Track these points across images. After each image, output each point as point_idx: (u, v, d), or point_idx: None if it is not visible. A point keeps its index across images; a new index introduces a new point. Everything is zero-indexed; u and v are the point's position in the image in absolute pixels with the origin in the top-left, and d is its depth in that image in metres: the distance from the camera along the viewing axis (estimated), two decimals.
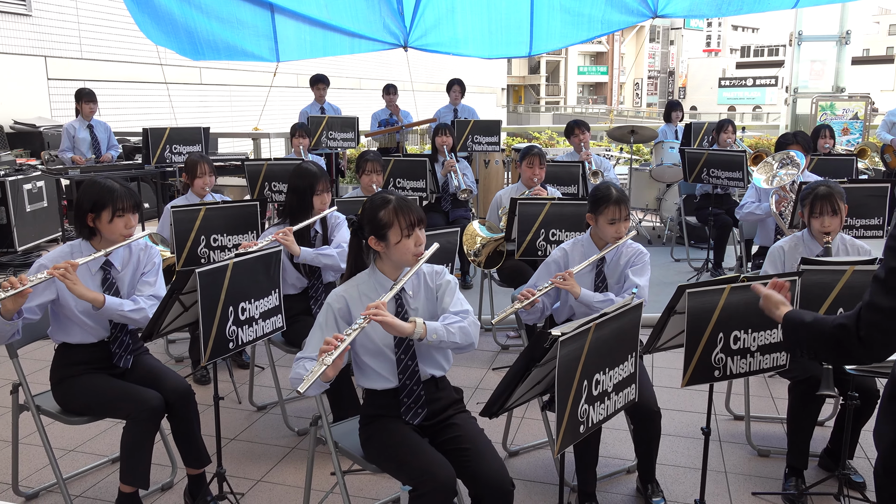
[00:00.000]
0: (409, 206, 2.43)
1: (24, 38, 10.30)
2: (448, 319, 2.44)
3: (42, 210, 7.61)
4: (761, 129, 14.01)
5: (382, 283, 2.46)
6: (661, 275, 6.44)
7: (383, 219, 2.41)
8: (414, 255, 2.43)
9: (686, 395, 4.11)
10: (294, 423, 3.80)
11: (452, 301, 2.50)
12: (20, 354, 2.93)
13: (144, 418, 2.75)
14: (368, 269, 2.52)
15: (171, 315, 2.64)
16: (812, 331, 1.94)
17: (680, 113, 8.23)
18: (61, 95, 10.66)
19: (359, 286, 2.48)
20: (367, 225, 2.45)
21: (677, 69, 59.06)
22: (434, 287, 2.54)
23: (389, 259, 2.46)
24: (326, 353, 2.15)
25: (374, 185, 4.66)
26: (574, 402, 2.07)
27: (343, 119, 7.44)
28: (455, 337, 2.39)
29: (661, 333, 2.56)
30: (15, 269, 6.76)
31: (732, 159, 5.93)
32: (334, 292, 2.48)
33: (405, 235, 2.40)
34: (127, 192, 2.86)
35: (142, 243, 3.02)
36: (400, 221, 2.40)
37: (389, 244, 2.42)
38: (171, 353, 4.80)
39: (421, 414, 2.48)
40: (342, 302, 2.44)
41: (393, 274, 2.47)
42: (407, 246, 2.41)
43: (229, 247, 4.05)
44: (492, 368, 4.58)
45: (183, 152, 6.67)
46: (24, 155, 8.51)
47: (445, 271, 2.58)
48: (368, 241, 2.45)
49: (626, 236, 3.18)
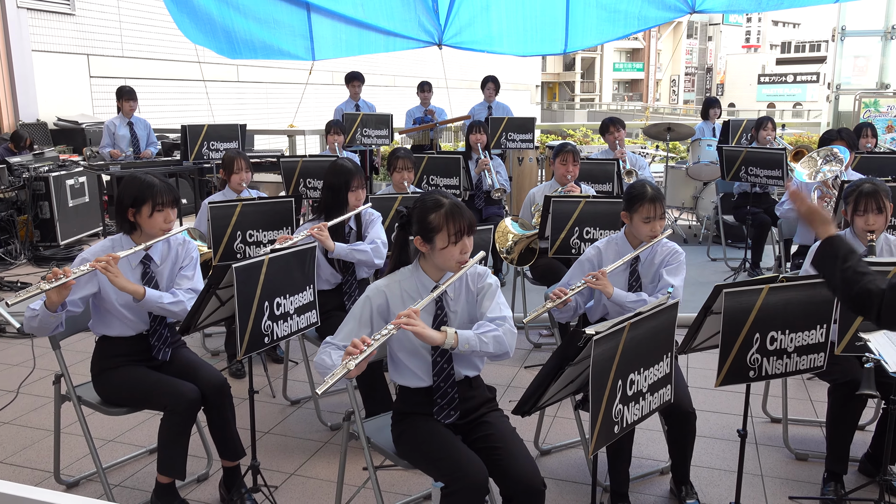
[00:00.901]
0: (461, 213, 2.39)
1: (67, 36, 10.55)
2: (482, 328, 2.40)
3: (84, 205, 7.79)
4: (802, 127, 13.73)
5: (424, 282, 2.45)
6: (697, 274, 6.36)
7: (433, 222, 2.38)
8: (458, 263, 2.40)
9: (722, 397, 4.06)
10: (327, 418, 3.83)
11: (491, 305, 2.47)
12: (62, 346, 3.00)
13: (181, 410, 2.80)
14: (411, 266, 2.51)
15: (209, 309, 2.68)
16: (843, 274, 1.97)
17: (718, 110, 8.12)
18: (103, 93, 10.89)
19: (401, 283, 2.47)
20: (416, 224, 2.43)
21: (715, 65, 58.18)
22: (475, 290, 2.51)
23: (433, 261, 2.44)
24: (351, 356, 2.15)
25: (405, 181, 4.68)
26: (608, 402, 2.06)
27: (377, 116, 7.48)
28: (488, 347, 2.36)
29: (697, 334, 2.52)
30: (58, 263, 6.92)
31: (772, 157, 5.82)
32: (375, 286, 2.47)
33: (452, 242, 2.37)
34: (166, 187, 2.91)
35: (180, 238, 3.07)
36: (449, 227, 2.37)
37: (435, 248, 2.39)
38: (207, 347, 4.87)
39: (454, 416, 2.48)
40: (382, 297, 2.44)
41: (436, 275, 2.46)
42: (451, 253, 2.38)
43: (264, 242, 4.09)
44: (524, 367, 4.57)
45: (220, 149, 6.77)
46: (67, 151, 8.72)
47: (488, 273, 2.55)
48: (414, 240, 2.43)
49: (661, 235, 3.14)
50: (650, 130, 8.02)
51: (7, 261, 6.96)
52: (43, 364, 4.45)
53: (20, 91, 9.47)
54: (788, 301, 2.45)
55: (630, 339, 2.09)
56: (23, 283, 6.16)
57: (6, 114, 9.39)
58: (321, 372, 2.37)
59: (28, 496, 1.08)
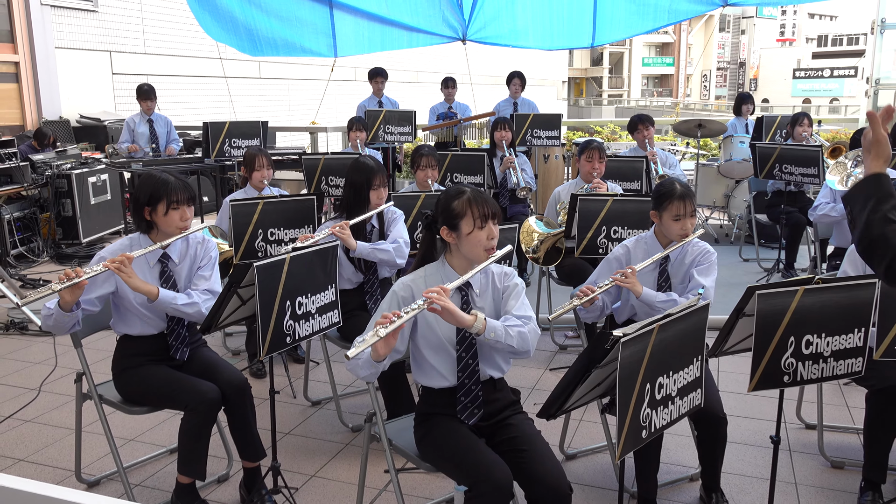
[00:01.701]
0: (483, 198, 2.46)
1: (90, 33, 10.71)
2: (509, 321, 2.44)
3: (106, 203, 7.90)
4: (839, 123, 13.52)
5: (450, 276, 2.48)
6: (728, 275, 6.30)
7: (456, 208, 2.43)
8: (485, 250, 2.44)
9: (754, 402, 4.01)
10: (348, 420, 3.85)
11: (517, 304, 2.50)
12: (84, 344, 3.04)
13: (202, 410, 2.83)
14: (437, 262, 2.55)
15: (230, 308, 2.70)
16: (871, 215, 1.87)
17: (751, 106, 8.03)
18: (125, 90, 11.04)
19: (426, 278, 2.51)
20: (441, 215, 2.48)
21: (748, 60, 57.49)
22: (501, 288, 2.55)
23: (460, 251, 2.47)
24: (382, 325, 2.17)
25: (429, 179, 4.68)
26: (636, 405, 2.04)
27: (401, 113, 7.49)
28: (513, 340, 2.39)
29: (729, 336, 2.50)
30: (79, 261, 7.04)
31: (807, 154, 5.74)
32: (401, 281, 2.52)
33: (478, 227, 2.42)
34: (181, 184, 2.94)
35: (199, 236, 3.10)
36: (473, 211, 2.42)
37: (461, 235, 2.44)
38: (228, 347, 4.92)
39: (477, 414, 2.48)
40: (408, 291, 2.48)
41: (462, 269, 2.49)
42: (479, 238, 2.42)
43: (286, 241, 4.12)
44: (549, 369, 4.56)
45: (242, 146, 6.83)
46: (90, 148, 8.85)
47: (515, 274, 2.59)
48: (440, 231, 2.48)
49: (692, 234, 3.11)
50: (680, 127, 7.95)
51: (30, 258, 7.09)
52: (65, 362, 4.52)
53: (43, 88, 9.64)
54: (825, 303, 2.41)
55: (659, 341, 2.07)
56: (45, 281, 6.27)
57: (30, 111, 9.56)
58: (353, 371, 2.40)
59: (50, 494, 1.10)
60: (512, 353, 2.45)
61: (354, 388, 4.26)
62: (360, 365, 2.36)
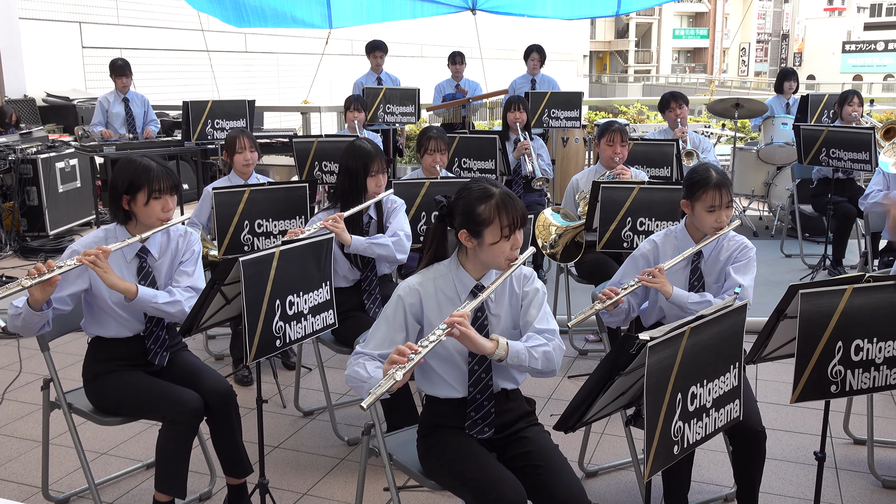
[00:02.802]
0: (513, 203, 2.39)
1: (57, 2, 10.73)
2: (532, 341, 2.44)
3: (75, 191, 7.93)
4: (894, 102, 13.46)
5: (464, 281, 2.46)
6: (769, 272, 6.28)
7: (482, 214, 2.37)
8: (507, 260, 2.41)
9: (797, 414, 4.01)
10: (344, 432, 3.86)
11: (539, 315, 2.49)
12: (52, 347, 3.06)
13: (182, 421, 2.84)
14: (448, 261, 2.52)
15: (212, 308, 2.71)
16: None
17: (794, 83, 8.00)
18: (97, 65, 11.06)
19: (435, 280, 2.48)
20: (461, 216, 2.42)
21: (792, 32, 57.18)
22: (520, 293, 2.53)
23: (478, 258, 2.45)
24: (397, 365, 2.15)
25: (437, 165, 4.68)
26: (666, 418, 2.04)
27: (402, 91, 7.49)
28: (537, 363, 2.40)
29: (769, 341, 2.49)
30: (46, 255, 7.06)
31: (857, 137, 5.71)
32: (407, 284, 2.48)
33: (504, 237, 2.37)
34: (164, 171, 2.94)
35: (181, 229, 3.11)
36: (501, 220, 2.37)
37: (483, 244, 2.39)
38: (210, 351, 4.93)
39: (488, 432, 2.49)
40: (415, 297, 2.45)
41: (477, 273, 2.47)
42: (502, 249, 2.39)
43: (275, 233, 4.13)
44: (567, 376, 4.56)
45: (226, 128, 6.83)
46: (57, 130, 8.88)
47: (535, 276, 2.56)
48: (459, 234, 2.43)
49: (727, 227, 3.11)
50: (716, 107, 7.92)
51: None
52: (30, 367, 4.54)
53: (6, 63, 9.64)
54: (877, 305, 2.40)
55: (691, 345, 2.07)
56: (8, 278, 6.30)
57: None
58: (355, 387, 2.40)
59: None
60: (536, 374, 2.46)
61: (351, 398, 4.27)
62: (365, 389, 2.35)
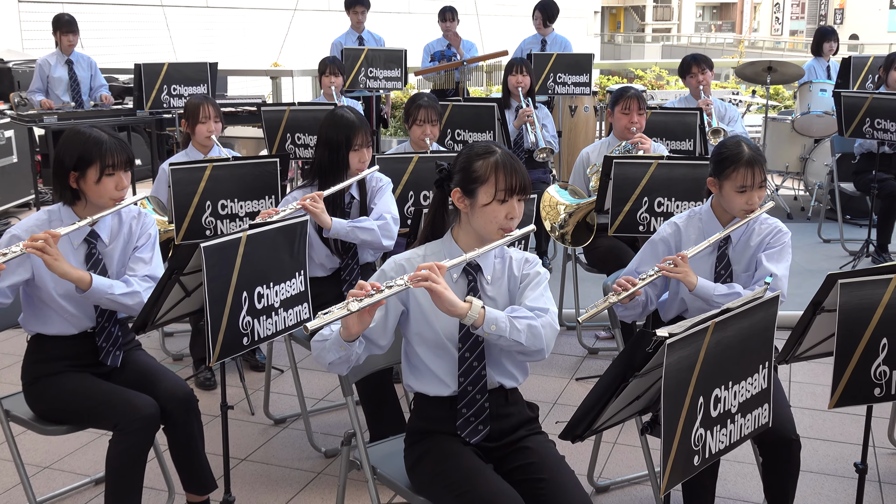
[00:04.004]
0: (514, 167, 2.47)
1: None
2: (517, 312, 2.45)
3: (11, 167, 7.88)
4: None
5: (455, 255, 2.49)
6: (805, 260, 6.31)
7: (478, 170, 2.46)
8: (501, 229, 2.47)
9: (835, 421, 4.03)
10: (321, 442, 3.87)
11: (534, 295, 2.52)
12: None
13: (135, 430, 2.84)
14: (442, 239, 2.57)
15: (170, 301, 2.70)
16: None
17: (835, 44, 8.00)
18: (35, 23, 10.98)
19: (426, 257, 2.53)
20: (458, 174, 2.50)
21: None
22: (520, 277, 2.57)
23: (470, 225, 2.50)
24: (355, 298, 2.22)
25: (427, 137, 4.68)
26: (686, 425, 2.06)
27: (387, 52, 7.46)
28: (520, 336, 2.39)
29: (803, 337, 2.51)
30: None
31: None
32: (393, 260, 2.54)
33: (498, 199, 2.44)
34: (118, 144, 2.93)
35: (134, 210, 3.10)
36: (497, 179, 2.44)
37: (476, 204, 2.46)
38: (167, 350, 4.93)
39: (482, 431, 2.50)
40: (401, 272, 2.48)
41: (472, 247, 2.50)
42: (495, 213, 2.45)
43: (241, 215, 4.13)
44: (575, 378, 4.58)
45: (184, 94, 6.80)
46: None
47: (538, 262, 2.61)
48: (453, 194, 2.50)
49: (759, 209, 3.12)
50: (745, 71, 7.92)
51: None
52: None
53: None
54: None
55: (715, 343, 2.08)
56: None
57: None
58: (318, 351, 2.43)
59: None
60: (521, 353, 2.46)
61: (329, 403, 4.28)
62: (327, 347, 2.38)
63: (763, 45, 39.70)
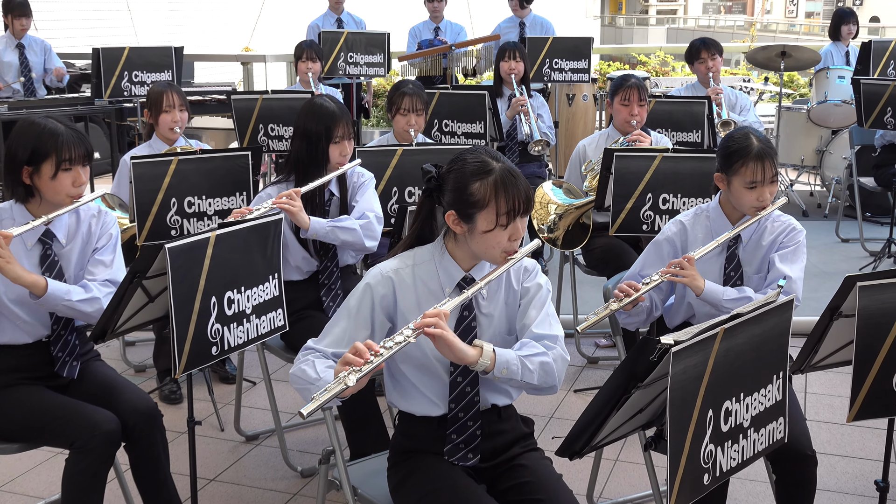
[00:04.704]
0: (516, 185, 2.35)
1: None
2: (527, 349, 2.40)
3: None
4: None
5: (450, 271, 2.45)
6: (821, 261, 6.35)
7: (476, 194, 2.34)
8: (504, 253, 2.39)
9: (854, 435, 4.05)
10: (297, 460, 3.87)
11: (539, 317, 2.47)
12: None
13: (94, 447, 2.83)
14: (433, 246, 2.50)
15: (132, 307, 2.70)
16: None
17: (854, 27, 8.03)
18: None
19: (415, 268, 2.47)
20: (451, 193, 2.39)
21: None
22: (519, 290, 2.52)
23: (468, 245, 2.43)
24: (352, 367, 2.14)
25: (411, 129, 4.68)
26: (694, 440, 2.06)
27: (368, 36, 7.46)
28: (533, 377, 2.36)
29: (820, 345, 2.52)
30: None
31: None
32: (378, 270, 2.46)
33: (500, 225, 2.34)
34: (76, 136, 2.92)
35: (94, 208, 3.09)
36: (499, 203, 2.33)
37: (475, 230, 2.37)
38: (129, 361, 4.92)
39: (472, 459, 2.49)
40: (388, 286, 2.44)
41: (468, 263, 2.46)
42: (498, 239, 2.36)
43: (210, 214, 4.12)
44: (574, 390, 4.59)
45: (147, 81, 6.79)
46: None
47: (538, 270, 2.55)
48: (446, 216, 2.41)
49: (771, 206, 3.13)
50: (757, 56, 7.95)
51: None
52: None
53: None
54: None
55: (725, 351, 2.08)
56: None
57: None
58: (300, 389, 2.38)
59: None
60: (533, 390, 2.44)
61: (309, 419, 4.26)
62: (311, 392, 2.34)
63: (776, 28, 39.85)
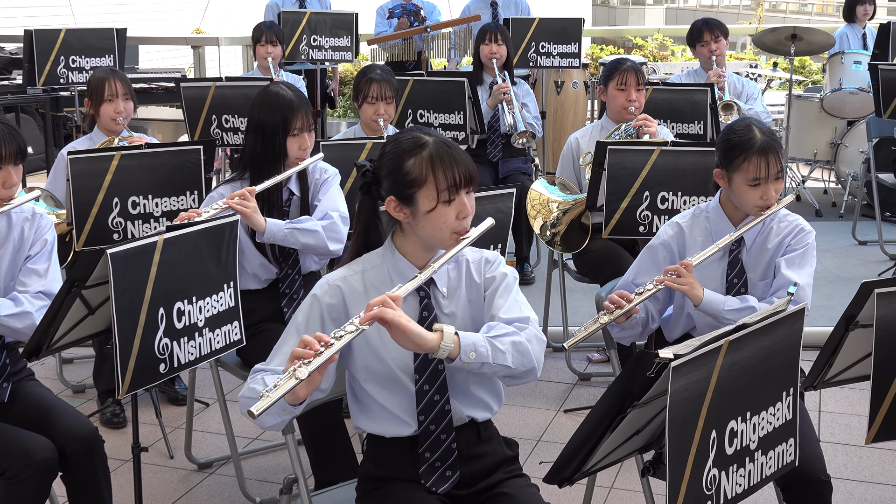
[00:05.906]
0: (452, 156, 2.40)
1: None
2: (496, 330, 2.41)
3: None
4: None
5: (403, 271, 2.47)
6: (836, 265, 6.39)
7: (411, 171, 2.38)
8: (454, 233, 2.42)
9: (873, 458, 4.08)
10: (255, 490, 3.86)
11: (507, 304, 2.48)
12: None
13: (27, 477, 2.81)
14: (382, 248, 2.52)
15: (70, 320, 2.69)
16: None
17: (871, 7, 8.09)
18: None
19: (365, 274, 2.49)
20: (387, 178, 2.43)
21: None
22: (482, 283, 2.53)
23: (416, 234, 2.45)
24: (302, 360, 2.15)
25: (380, 118, 4.68)
26: (696, 464, 2.07)
27: (333, 16, 7.45)
28: (506, 358, 2.36)
29: (835, 358, 2.54)
30: None
31: None
32: (325, 281, 2.48)
33: (443, 201, 2.38)
34: (5, 131, 2.92)
35: (27, 210, 3.08)
36: (437, 178, 2.37)
37: (418, 212, 2.40)
38: (67, 381, 4.89)
39: (451, 478, 2.49)
40: (336, 296, 2.45)
41: (421, 258, 2.48)
42: (444, 218, 2.39)
43: (157, 215, 4.11)
44: (563, 410, 4.60)
45: (86, 67, 6.76)
46: None
47: (500, 260, 2.57)
48: (387, 204, 2.44)
49: (777, 205, 3.15)
50: (765, 39, 7.99)
51: None
52: None
53: None
54: None
55: (729, 365, 2.10)
56: None
57: None
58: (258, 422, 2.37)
59: None
60: (510, 376, 2.44)
61: (264, 442, 4.26)
62: (268, 411, 2.35)
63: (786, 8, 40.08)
